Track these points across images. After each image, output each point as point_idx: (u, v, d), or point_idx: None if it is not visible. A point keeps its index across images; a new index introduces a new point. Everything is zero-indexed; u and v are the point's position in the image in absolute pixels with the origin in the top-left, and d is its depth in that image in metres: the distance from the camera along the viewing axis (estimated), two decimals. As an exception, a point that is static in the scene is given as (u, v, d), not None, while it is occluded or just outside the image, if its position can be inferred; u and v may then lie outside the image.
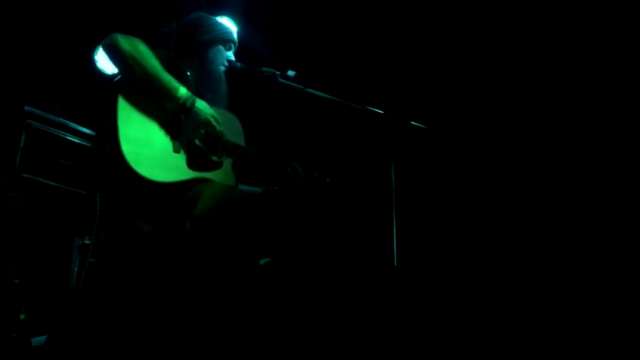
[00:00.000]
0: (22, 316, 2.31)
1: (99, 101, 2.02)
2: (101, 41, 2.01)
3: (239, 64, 2.37)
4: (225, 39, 2.37)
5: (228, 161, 2.23)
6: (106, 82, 2.06)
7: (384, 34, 3.68)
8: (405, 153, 2.35)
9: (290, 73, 2.30)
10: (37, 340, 2.27)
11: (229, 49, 2.40)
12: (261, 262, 1.97)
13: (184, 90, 2.04)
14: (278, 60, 3.70)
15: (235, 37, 2.44)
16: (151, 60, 1.99)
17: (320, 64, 3.72)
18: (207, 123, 2.09)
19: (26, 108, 2.67)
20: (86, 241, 2.52)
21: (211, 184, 2.09)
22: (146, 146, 1.93)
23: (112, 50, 1.97)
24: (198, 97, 2.10)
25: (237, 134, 2.39)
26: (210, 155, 2.14)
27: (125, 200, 1.94)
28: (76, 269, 2.59)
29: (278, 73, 2.30)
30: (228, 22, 3.08)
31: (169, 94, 2.02)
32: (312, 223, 2.19)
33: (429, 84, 3.54)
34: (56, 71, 3.47)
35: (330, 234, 2.27)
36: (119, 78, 2.02)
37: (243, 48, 2.52)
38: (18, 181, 2.55)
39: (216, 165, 2.16)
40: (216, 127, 2.12)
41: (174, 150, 2.03)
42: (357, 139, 3.58)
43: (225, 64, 2.36)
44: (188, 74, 2.26)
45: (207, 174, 2.12)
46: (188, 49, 2.32)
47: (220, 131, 2.14)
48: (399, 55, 3.67)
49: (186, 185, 2.03)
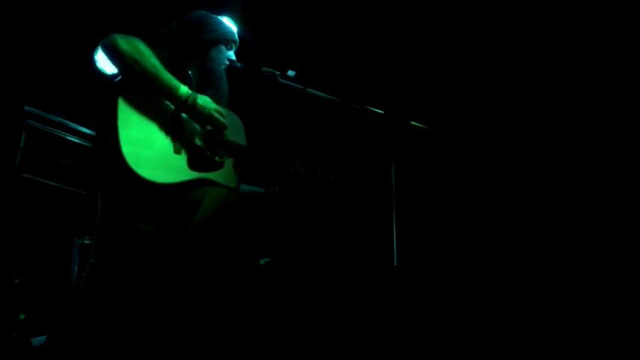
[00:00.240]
0: (22, 316, 2.31)
1: (99, 102, 2.02)
2: (100, 42, 2.01)
3: (239, 63, 2.37)
4: (227, 38, 2.37)
5: (229, 161, 2.23)
6: (106, 82, 2.06)
7: (384, 34, 3.69)
8: (405, 153, 2.35)
9: (290, 73, 2.30)
10: (37, 340, 2.27)
11: (230, 48, 2.40)
12: (261, 262, 1.97)
13: (185, 88, 2.04)
14: (278, 60, 3.70)
15: (236, 36, 2.44)
16: (151, 59, 1.99)
17: (320, 64, 3.72)
18: (211, 117, 2.10)
19: (26, 108, 2.66)
20: (86, 241, 2.52)
21: (213, 189, 2.08)
22: (146, 147, 1.93)
23: (111, 51, 1.97)
24: (199, 94, 2.10)
25: (238, 134, 2.39)
26: (212, 155, 2.13)
27: (126, 201, 1.94)
28: (76, 269, 2.59)
29: (278, 73, 2.30)
30: (228, 22, 3.08)
31: (170, 93, 2.02)
32: (313, 222, 2.19)
33: (429, 84, 3.54)
34: (56, 71, 3.47)
35: (331, 234, 2.27)
36: (119, 79, 2.01)
37: (243, 48, 2.51)
38: (18, 181, 2.54)
39: (218, 165, 2.16)
40: (221, 120, 2.13)
41: (175, 151, 2.02)
42: (357, 139, 3.58)
43: (227, 63, 2.36)
44: (190, 73, 2.26)
45: (208, 174, 2.12)
46: (189, 48, 2.31)
47: (225, 124, 2.15)
48: (398, 55, 3.67)
49: (188, 186, 2.03)
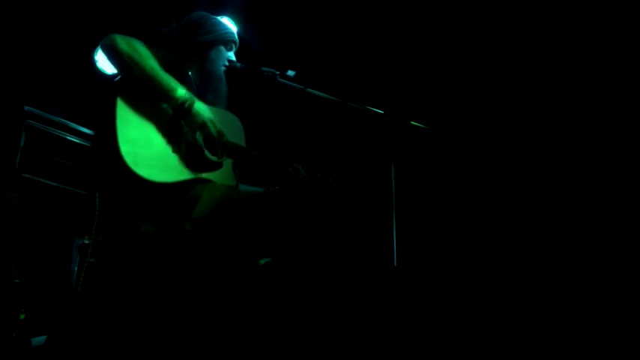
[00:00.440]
0: (22, 316, 2.31)
1: (98, 102, 2.02)
2: (100, 42, 2.01)
3: (239, 64, 2.37)
4: (227, 39, 2.37)
5: (228, 162, 2.23)
6: (106, 82, 2.06)
7: (383, 34, 3.68)
8: (405, 153, 2.35)
9: (290, 73, 2.29)
10: (37, 340, 2.27)
11: (230, 49, 2.40)
12: (261, 262, 1.97)
13: (183, 91, 2.03)
14: (278, 60, 3.70)
15: (236, 37, 2.44)
16: (150, 60, 1.99)
17: (320, 64, 3.72)
18: (203, 126, 2.08)
19: (26, 108, 2.66)
20: (86, 241, 2.52)
21: (211, 185, 2.08)
22: (145, 147, 1.93)
23: (110, 51, 1.97)
24: (198, 99, 2.09)
25: (237, 134, 2.38)
26: (210, 155, 2.13)
27: (124, 201, 1.94)
28: (76, 269, 2.59)
29: (278, 73, 2.29)
30: (228, 22, 3.07)
31: (168, 94, 2.01)
32: (313, 223, 2.19)
33: (429, 84, 3.54)
34: (56, 71, 3.47)
35: (331, 234, 2.27)
36: (118, 79, 2.01)
37: (243, 48, 2.51)
38: (18, 181, 2.54)
39: (216, 165, 2.16)
40: (212, 132, 2.10)
41: (173, 150, 2.02)
42: (357, 139, 3.58)
43: (226, 64, 2.35)
44: (189, 74, 2.26)
45: (207, 174, 2.11)
46: (189, 49, 2.31)
47: (216, 135, 2.13)
48: (398, 55, 3.67)
49: (186, 186, 2.03)
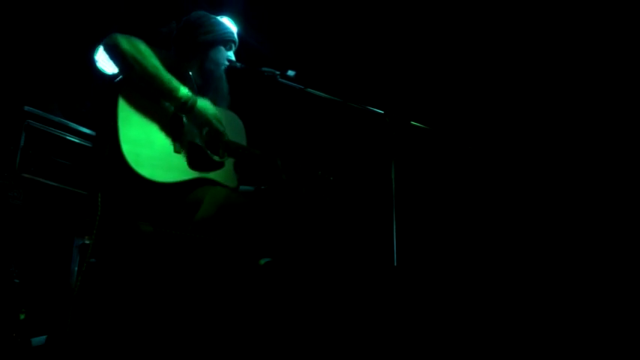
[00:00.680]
0: (22, 316, 2.31)
1: (99, 101, 2.02)
2: (102, 41, 2.01)
3: (239, 64, 2.37)
4: (226, 39, 2.37)
5: (229, 161, 2.23)
6: (107, 82, 2.06)
7: (383, 34, 3.68)
8: (405, 153, 2.35)
9: (290, 73, 2.29)
10: (37, 340, 2.27)
11: (230, 49, 2.40)
12: (261, 262, 1.97)
13: (185, 90, 2.04)
14: (278, 60, 3.70)
15: (236, 37, 2.44)
16: (152, 60, 1.99)
17: (320, 64, 3.72)
18: (209, 123, 2.10)
19: (26, 108, 2.66)
20: (86, 241, 2.52)
21: (213, 189, 2.08)
22: (147, 146, 1.93)
23: (112, 50, 1.97)
24: (200, 97, 2.10)
25: (238, 134, 2.39)
26: (212, 155, 2.13)
27: (126, 201, 1.94)
28: (76, 269, 2.58)
29: (278, 73, 2.30)
30: (228, 22, 3.07)
31: (170, 94, 2.02)
32: (314, 223, 2.19)
33: (429, 84, 3.54)
34: (56, 71, 3.47)
35: (331, 234, 2.27)
36: (120, 78, 2.02)
37: (243, 48, 2.51)
38: (18, 181, 2.54)
39: (218, 165, 2.16)
40: (219, 128, 2.12)
41: (175, 150, 2.02)
42: (357, 139, 3.58)
43: (226, 64, 2.36)
44: (190, 74, 2.26)
45: (208, 174, 2.11)
46: (189, 49, 2.31)
47: (222, 131, 2.15)
48: (398, 55, 3.67)
49: (188, 185, 2.03)
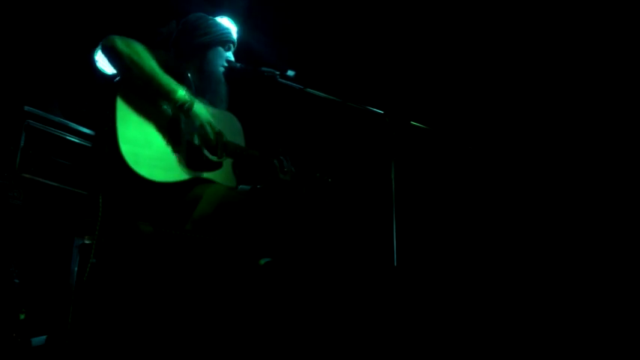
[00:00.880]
0: (22, 316, 2.31)
1: (98, 102, 2.02)
2: (100, 42, 2.01)
3: (238, 64, 2.37)
4: (224, 40, 2.37)
5: (228, 161, 2.23)
6: (105, 82, 2.06)
7: (383, 34, 3.68)
8: (405, 153, 2.35)
9: (290, 73, 2.29)
10: (37, 340, 2.27)
11: (228, 49, 2.40)
12: (261, 262, 1.97)
13: (183, 92, 2.04)
14: (278, 60, 3.70)
15: (234, 37, 2.43)
16: (149, 61, 1.99)
17: (320, 64, 3.72)
18: (202, 127, 2.09)
19: (26, 108, 2.66)
20: (86, 241, 2.52)
21: (211, 186, 2.08)
22: (145, 146, 1.93)
23: (110, 52, 1.98)
24: (197, 99, 2.10)
25: (237, 135, 2.39)
26: (210, 155, 2.13)
27: (125, 200, 1.94)
28: (76, 269, 2.59)
29: (278, 73, 2.29)
30: (227, 22, 3.07)
31: (168, 95, 2.02)
32: (314, 223, 2.19)
33: (429, 84, 3.54)
34: (56, 71, 3.47)
35: (331, 234, 2.27)
36: (118, 79, 2.02)
37: (243, 48, 2.51)
38: (18, 181, 2.54)
39: (216, 165, 2.16)
40: (210, 134, 2.11)
41: (173, 150, 2.03)
42: (357, 139, 3.58)
43: (225, 64, 2.35)
44: (189, 75, 2.26)
45: (207, 174, 2.12)
46: (187, 50, 2.31)
47: (213, 137, 2.13)
48: (398, 55, 3.67)
49: (187, 185, 2.03)
